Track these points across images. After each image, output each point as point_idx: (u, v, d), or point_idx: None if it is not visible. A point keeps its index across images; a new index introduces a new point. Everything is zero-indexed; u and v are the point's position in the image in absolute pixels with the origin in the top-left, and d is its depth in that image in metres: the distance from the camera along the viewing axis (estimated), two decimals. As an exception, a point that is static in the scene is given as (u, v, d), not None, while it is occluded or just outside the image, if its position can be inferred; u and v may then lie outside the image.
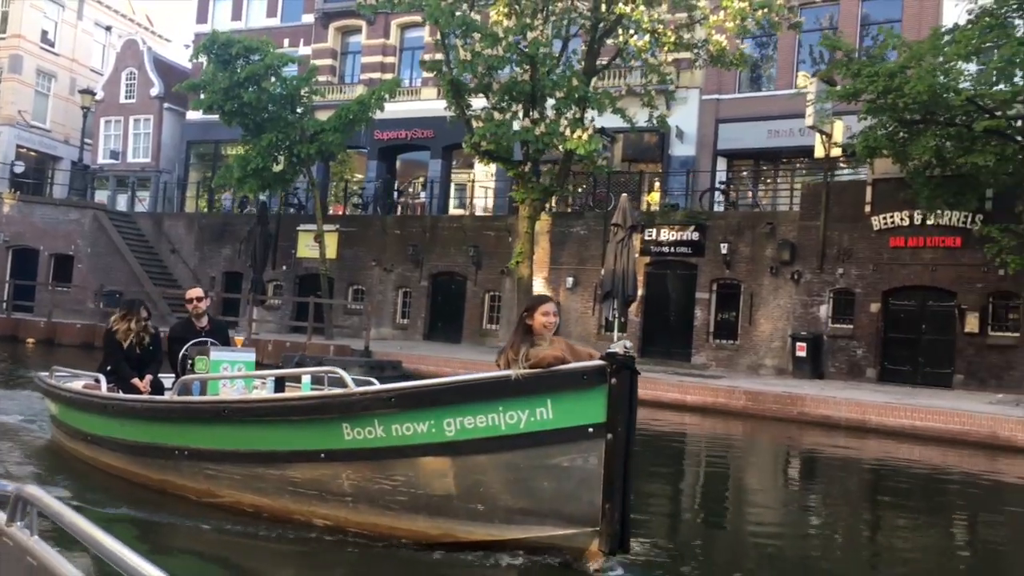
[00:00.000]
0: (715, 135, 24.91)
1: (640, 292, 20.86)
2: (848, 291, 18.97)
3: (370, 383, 5.85)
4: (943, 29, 15.72)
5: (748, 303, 20.40)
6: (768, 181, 25.73)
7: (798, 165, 24.00)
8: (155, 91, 33.41)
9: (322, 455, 5.37)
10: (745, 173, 26.20)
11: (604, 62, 20.79)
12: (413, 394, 5.12)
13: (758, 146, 24.29)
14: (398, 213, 28.06)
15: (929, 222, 17.89)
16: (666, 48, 19.52)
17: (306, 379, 7.02)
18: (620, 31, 19.24)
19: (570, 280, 22.54)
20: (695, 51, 19.88)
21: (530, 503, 4.93)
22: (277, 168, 23.75)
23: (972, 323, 17.42)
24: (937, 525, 8.23)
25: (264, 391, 6.56)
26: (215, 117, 24.48)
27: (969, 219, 17.37)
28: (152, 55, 34.74)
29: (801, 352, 18.79)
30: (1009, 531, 8.16)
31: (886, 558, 6.64)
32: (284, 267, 27.02)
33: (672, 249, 21.55)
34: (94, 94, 31.86)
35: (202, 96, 23.55)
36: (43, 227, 27.92)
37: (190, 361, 6.64)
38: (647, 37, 19.04)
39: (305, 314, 22.90)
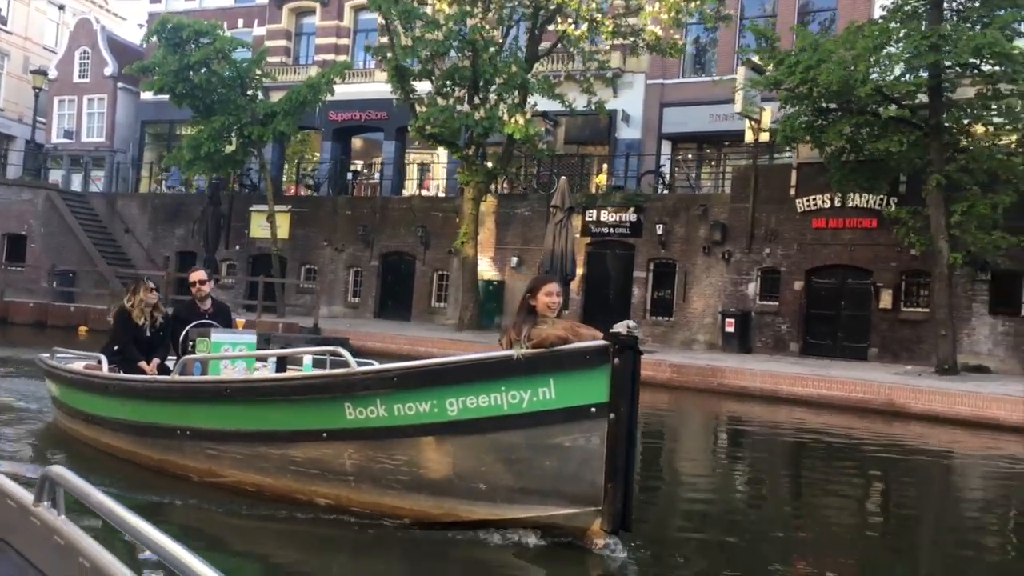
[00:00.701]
0: (660, 119, 25.68)
1: (581, 271, 21.76)
2: (774, 270, 19.98)
3: (370, 363, 5.84)
4: (857, 25, 16.59)
5: (682, 281, 21.35)
6: (714, 164, 26.62)
7: (744, 148, 24.84)
8: (109, 71, 33.40)
9: (324, 434, 5.37)
10: (691, 156, 27.07)
11: (547, 48, 21.47)
12: (415, 374, 5.12)
13: (701, 130, 25.08)
14: (357, 194, 28.57)
15: (849, 204, 18.89)
16: (604, 36, 20.25)
17: (307, 360, 6.98)
18: (559, 19, 19.93)
19: (515, 260, 23.32)
20: (632, 40, 20.64)
21: (532, 482, 4.94)
22: (229, 149, 24.17)
23: (886, 300, 18.51)
24: (831, 480, 9.19)
25: (265, 372, 6.57)
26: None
27: (884, 202, 18.39)
28: (106, 34, 34.67)
29: (730, 328, 19.76)
30: (889, 484, 9.13)
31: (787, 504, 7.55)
32: (238, 247, 27.47)
33: (611, 230, 22.41)
34: (46, 74, 31.83)
35: (154, 78, 23.85)
36: (-4, 207, 28.05)
37: (191, 342, 6.63)
38: (585, 26, 19.77)
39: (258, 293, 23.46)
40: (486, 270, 23.50)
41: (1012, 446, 11.83)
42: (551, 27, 20.93)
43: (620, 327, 4.67)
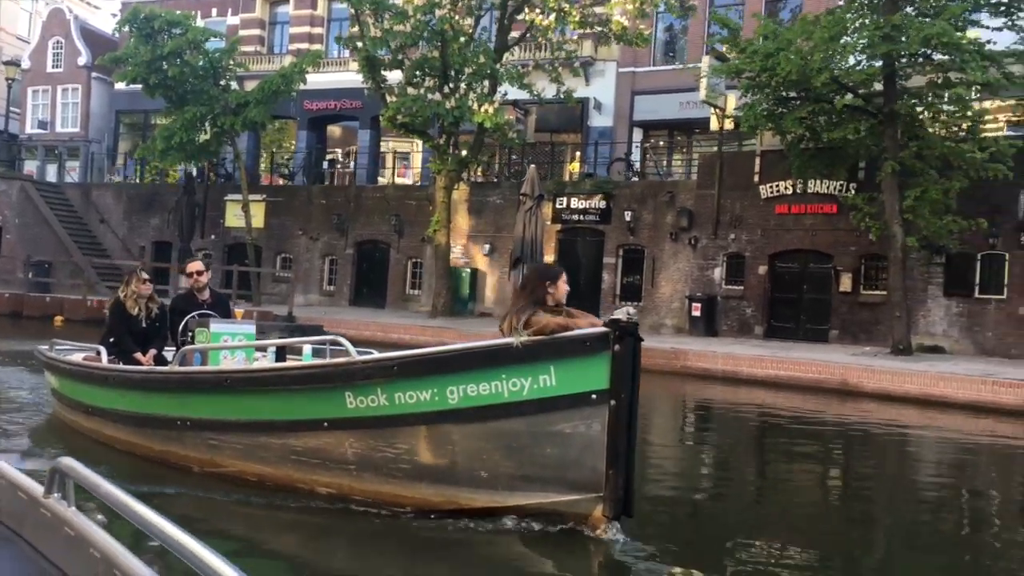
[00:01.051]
0: (631, 106, 26.05)
1: (552, 258, 22.12)
2: (739, 255, 20.45)
3: (369, 353, 5.84)
4: (814, 15, 17.00)
5: (651, 267, 21.80)
6: (684, 151, 27.03)
7: (713, 135, 25.18)
8: (83, 60, 33.33)
9: (325, 424, 5.39)
10: (662, 143, 27.46)
11: (516, 37, 21.74)
12: (416, 362, 5.14)
13: (671, 117, 25.47)
14: (331, 183, 28.77)
15: (810, 190, 19.36)
16: (572, 26, 20.56)
17: (307, 350, 6.98)
18: (528, 9, 20.22)
19: (487, 247, 23.68)
20: (599, 29, 20.96)
21: (533, 470, 4.96)
22: (203, 138, 24.31)
23: (846, 283, 19.03)
24: (788, 453, 9.66)
25: (265, 362, 6.59)
26: (143, 87, 24.86)
27: (844, 188, 18.87)
28: (79, 24, 34.56)
29: (696, 312, 20.23)
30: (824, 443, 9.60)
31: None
32: (213, 236, 27.65)
33: (581, 217, 22.81)
34: (19, 65, 31.75)
35: (127, 69, 23.93)
36: (-30, 198, 28.04)
37: (190, 333, 6.60)
38: (553, 16, 20.07)
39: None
40: (459, 257, 23.85)
41: (955, 421, 12.35)
42: (520, 17, 21.21)
43: (620, 313, 4.73)
